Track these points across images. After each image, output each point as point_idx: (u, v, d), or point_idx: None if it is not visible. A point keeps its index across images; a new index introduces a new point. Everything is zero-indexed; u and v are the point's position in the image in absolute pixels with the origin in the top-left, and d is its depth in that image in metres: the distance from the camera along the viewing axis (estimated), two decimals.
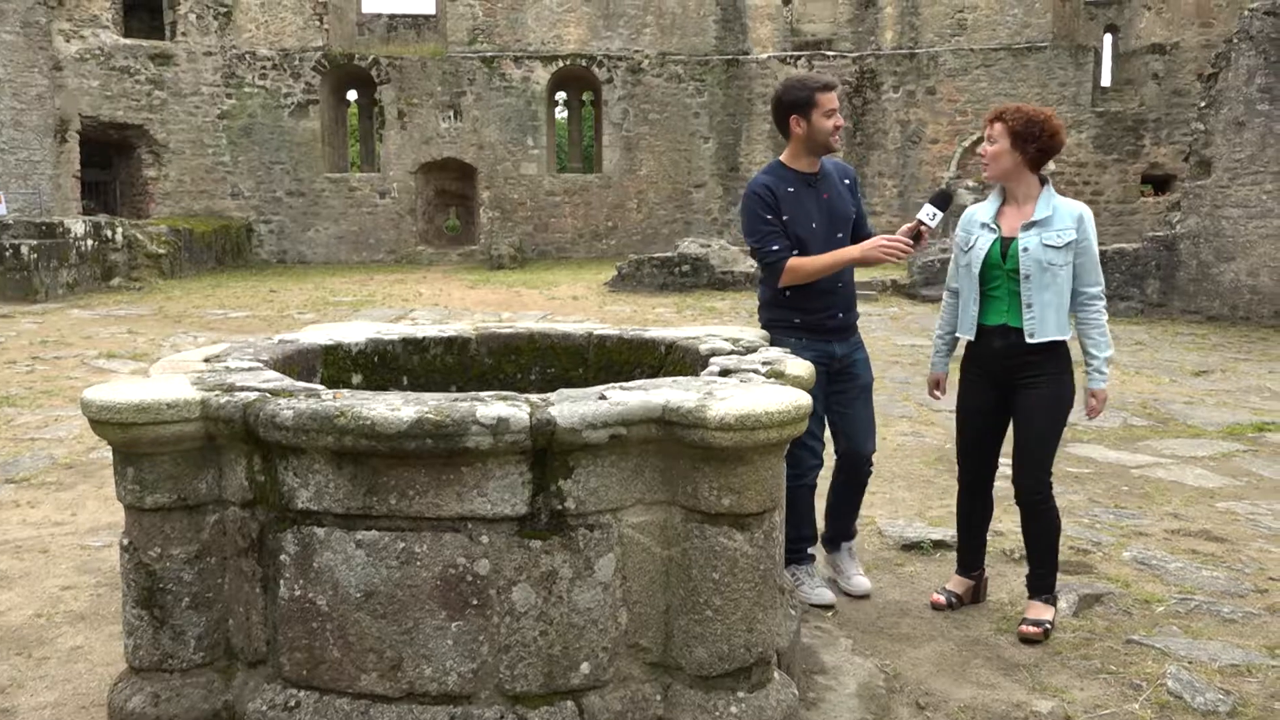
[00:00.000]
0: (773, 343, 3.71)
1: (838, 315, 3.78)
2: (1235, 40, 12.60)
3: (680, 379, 2.74)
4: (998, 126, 3.52)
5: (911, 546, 4.59)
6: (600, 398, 2.46)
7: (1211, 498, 5.47)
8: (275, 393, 2.53)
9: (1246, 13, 12.64)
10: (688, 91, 21.86)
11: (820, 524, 4.11)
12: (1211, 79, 12.89)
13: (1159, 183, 20.24)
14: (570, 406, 2.39)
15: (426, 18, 24.08)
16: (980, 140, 3.84)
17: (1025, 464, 3.59)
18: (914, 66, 20.56)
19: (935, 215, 3.52)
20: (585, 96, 23.97)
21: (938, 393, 3.92)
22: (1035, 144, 3.46)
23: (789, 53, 21.51)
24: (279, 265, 21.07)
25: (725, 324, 12.65)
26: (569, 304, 14.06)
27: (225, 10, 20.95)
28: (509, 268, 19.57)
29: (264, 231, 21.58)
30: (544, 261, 21.23)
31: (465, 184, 22.51)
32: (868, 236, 3.89)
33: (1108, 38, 22.37)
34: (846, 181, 3.88)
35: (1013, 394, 3.59)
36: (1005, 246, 3.52)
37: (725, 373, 2.87)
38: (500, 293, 15.46)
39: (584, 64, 21.74)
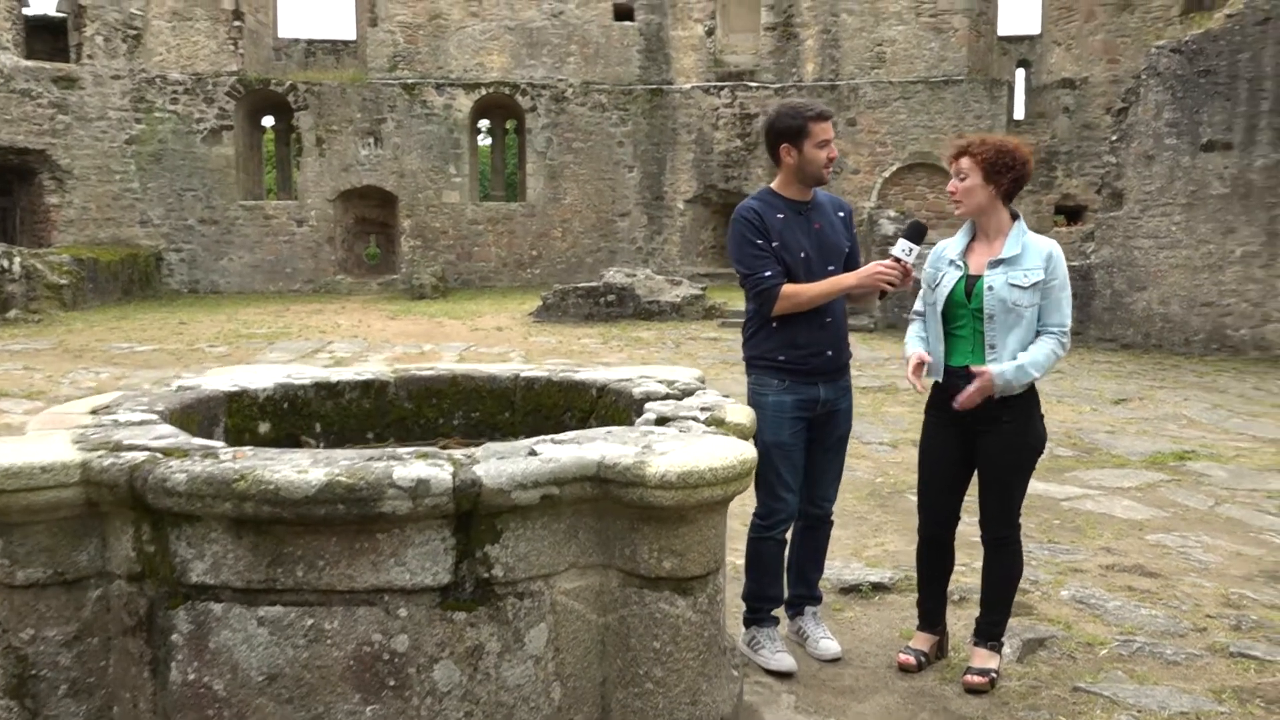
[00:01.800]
0: (755, 384, 3.54)
1: (826, 353, 3.52)
2: (1144, 76, 12.98)
3: (615, 430, 2.56)
4: (966, 161, 3.37)
5: (850, 590, 4.45)
6: (530, 453, 2.27)
7: (1141, 530, 5.47)
8: (168, 452, 2.29)
9: (1154, 49, 13.04)
10: (612, 120, 21.83)
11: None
12: (1122, 113, 13.26)
13: (1071, 213, 20.80)
14: (498, 465, 2.20)
15: (346, 43, 23.68)
16: (901, 170, 3.73)
17: (991, 509, 3.47)
18: (835, 98, 20.83)
19: (911, 250, 3.36)
20: (509, 125, 23.79)
21: (914, 379, 3.42)
22: (1009, 175, 3.32)
23: (712, 83, 21.64)
24: (190, 295, 20.36)
25: (651, 353, 12.58)
26: (493, 335, 13.79)
27: (134, 33, 20.30)
28: (431, 297, 19.21)
29: (175, 260, 20.86)
30: (467, 291, 20.91)
31: (386, 212, 22.10)
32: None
33: (1020, 72, 22.99)
34: (841, 214, 3.68)
35: (977, 438, 3.43)
36: (971, 285, 3.37)
37: (662, 420, 2.71)
38: (422, 324, 15.12)
39: (507, 92, 21.58)
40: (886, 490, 6.29)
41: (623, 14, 21.98)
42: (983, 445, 3.42)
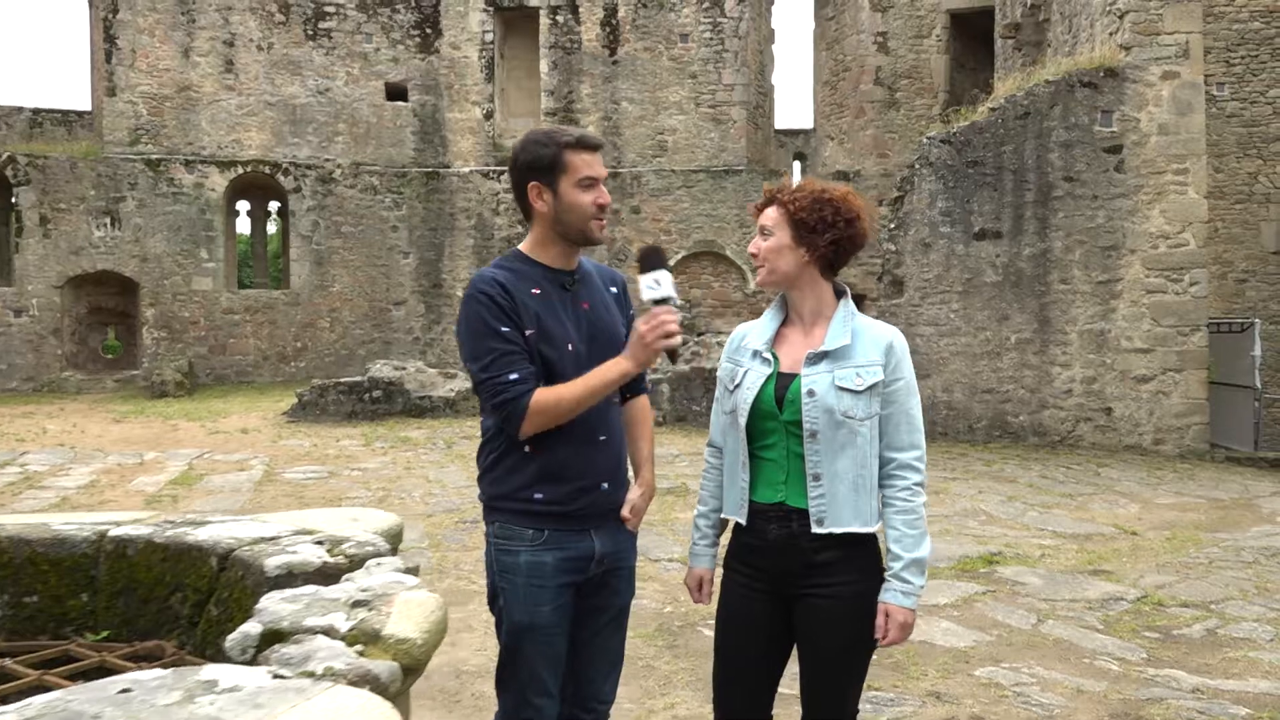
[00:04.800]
0: (498, 537, 2.39)
1: (600, 486, 2.45)
2: (917, 165, 13.05)
3: (152, 678, 1.37)
4: (772, 213, 2.47)
5: None
6: None
7: (968, 662, 4.67)
8: None
9: (925, 140, 13.17)
10: (385, 204, 20.51)
11: None
12: (898, 202, 13.27)
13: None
14: None
15: (80, 114, 21.31)
16: (687, 258, 2.68)
17: (816, 698, 2.44)
18: (618, 185, 20.42)
19: (657, 283, 2.37)
20: (271, 206, 21.99)
21: (699, 595, 2.63)
22: (828, 235, 2.42)
23: (492, 167, 20.78)
24: None
25: (419, 454, 11.16)
26: (235, 439, 12.03)
27: None
28: (174, 395, 17.02)
29: None
30: (220, 388, 18.77)
31: (126, 300, 19.70)
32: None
33: (797, 164, 23.49)
34: (614, 289, 2.66)
35: (797, 603, 2.42)
36: (783, 387, 2.41)
37: (276, 637, 1.53)
38: (153, 426, 13.11)
39: (268, 171, 19.89)
40: (677, 624, 5.25)
41: (395, 94, 20.88)
42: (804, 616, 2.41)
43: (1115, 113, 12.26)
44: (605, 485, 2.46)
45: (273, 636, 1.50)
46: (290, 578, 1.88)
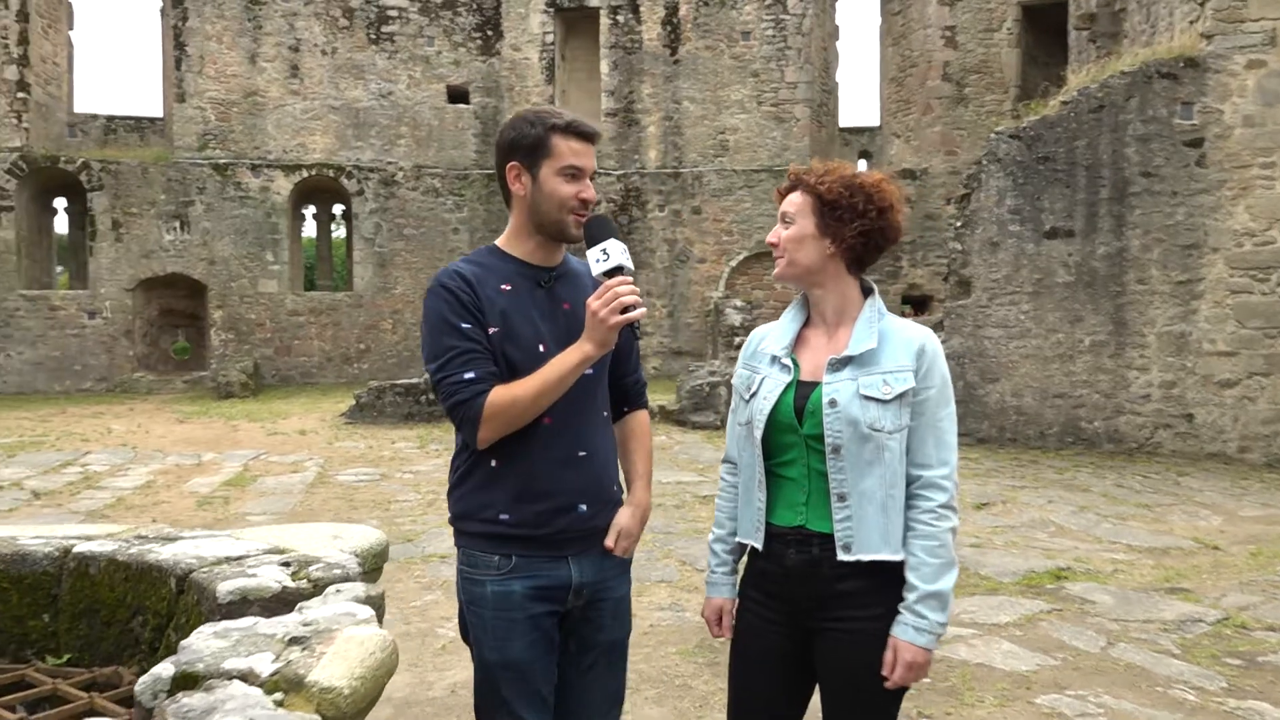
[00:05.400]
0: (464, 563, 2.17)
1: (578, 508, 2.19)
2: (984, 162, 12.59)
3: None
4: (796, 198, 2.22)
5: None
6: None
7: (1029, 688, 4.35)
8: None
9: (993, 135, 12.70)
10: (446, 206, 20.57)
11: None
12: (965, 199, 12.81)
13: (918, 303, 20.57)
14: None
15: (152, 120, 21.76)
16: (749, 259, 2.38)
17: None
18: (679, 185, 20.20)
19: (605, 254, 2.10)
20: (336, 209, 22.23)
21: (718, 629, 2.38)
22: (857, 225, 2.15)
23: None
24: None
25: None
26: (293, 440, 12.07)
27: None
28: (239, 396, 17.24)
29: None
30: (285, 388, 18.99)
31: (195, 303, 20.06)
32: (637, 382, 2.44)
33: (863, 163, 23.00)
34: None
35: (818, 636, 2.17)
36: (803, 396, 2.16)
37: (188, 681, 1.34)
38: (214, 427, 13.24)
39: (331, 174, 20.08)
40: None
41: (457, 96, 20.94)
42: (827, 650, 2.15)
43: (1196, 104, 11.66)
44: (583, 507, 2.19)
45: (185, 680, 1.32)
46: (243, 604, 1.70)
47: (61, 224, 21.88)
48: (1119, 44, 15.10)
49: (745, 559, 2.34)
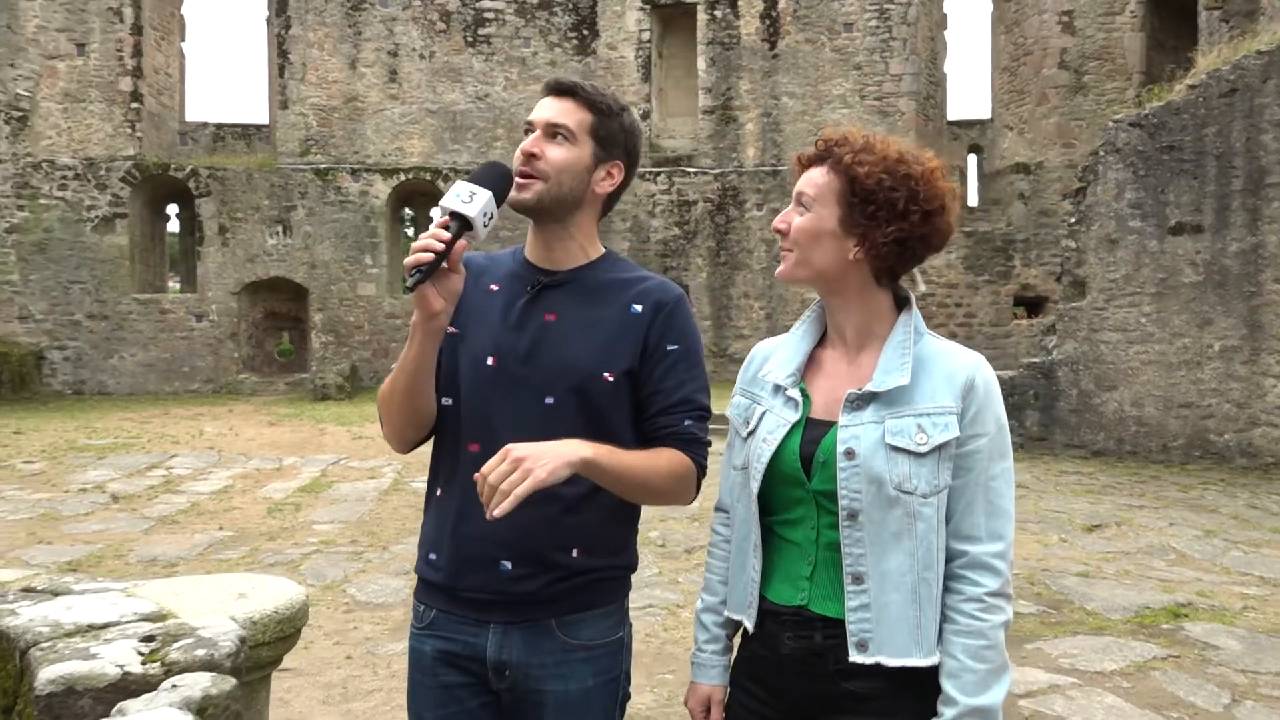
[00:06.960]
0: (424, 617, 1.81)
1: (499, 565, 1.70)
2: (1102, 153, 11.68)
3: None
4: (818, 175, 1.67)
5: None
6: None
7: None
8: None
9: (1112, 124, 11.77)
10: None
11: None
12: (1080, 193, 11.92)
13: (1031, 304, 19.47)
14: None
15: (258, 127, 22.25)
16: None
17: None
18: (778, 184, 19.60)
19: (471, 196, 1.60)
20: (434, 212, 22.34)
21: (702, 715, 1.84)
22: (894, 228, 1.62)
23: (649, 168, 20.35)
24: (74, 397, 18.41)
25: None
26: (375, 444, 11.99)
27: (20, 115, 18.77)
28: (336, 398, 17.41)
29: (58, 359, 18.96)
30: None
31: (298, 305, 20.41)
32: (670, 424, 1.76)
33: (972, 158, 21.96)
34: (637, 308, 1.78)
35: None
36: (813, 441, 1.66)
37: None
38: (303, 430, 13.29)
39: (429, 178, 20.15)
40: None
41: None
42: None
43: None
44: (506, 564, 1.71)
45: None
46: (68, 696, 1.35)
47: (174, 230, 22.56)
48: (1255, 23, 13.88)
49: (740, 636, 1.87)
